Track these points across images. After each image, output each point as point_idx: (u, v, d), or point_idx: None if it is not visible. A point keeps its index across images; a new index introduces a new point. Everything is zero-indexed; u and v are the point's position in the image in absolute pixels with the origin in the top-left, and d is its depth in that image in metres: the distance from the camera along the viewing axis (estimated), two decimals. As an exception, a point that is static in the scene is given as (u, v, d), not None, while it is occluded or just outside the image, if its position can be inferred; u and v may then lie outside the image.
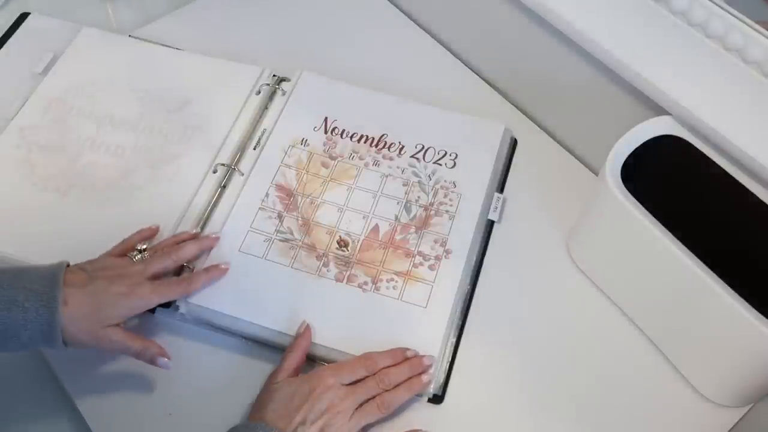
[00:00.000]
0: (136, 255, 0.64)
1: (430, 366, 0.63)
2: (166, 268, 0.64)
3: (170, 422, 0.62)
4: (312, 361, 0.65)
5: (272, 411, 0.57)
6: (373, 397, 0.60)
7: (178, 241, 0.67)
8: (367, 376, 0.61)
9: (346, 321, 0.66)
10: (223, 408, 0.62)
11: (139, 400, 0.63)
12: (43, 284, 0.56)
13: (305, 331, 0.64)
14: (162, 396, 0.63)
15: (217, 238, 0.69)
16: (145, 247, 0.65)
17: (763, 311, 0.55)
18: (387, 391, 0.61)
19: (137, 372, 0.65)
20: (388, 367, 0.62)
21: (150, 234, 0.68)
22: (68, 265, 0.60)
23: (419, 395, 0.64)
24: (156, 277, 0.63)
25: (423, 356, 0.64)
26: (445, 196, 0.74)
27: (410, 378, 0.62)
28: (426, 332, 0.66)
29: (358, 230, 0.72)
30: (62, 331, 0.55)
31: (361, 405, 0.59)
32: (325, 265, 0.69)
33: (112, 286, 0.58)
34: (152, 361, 0.60)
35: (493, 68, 0.87)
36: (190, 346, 0.66)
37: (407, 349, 0.64)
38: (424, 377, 0.62)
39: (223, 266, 0.67)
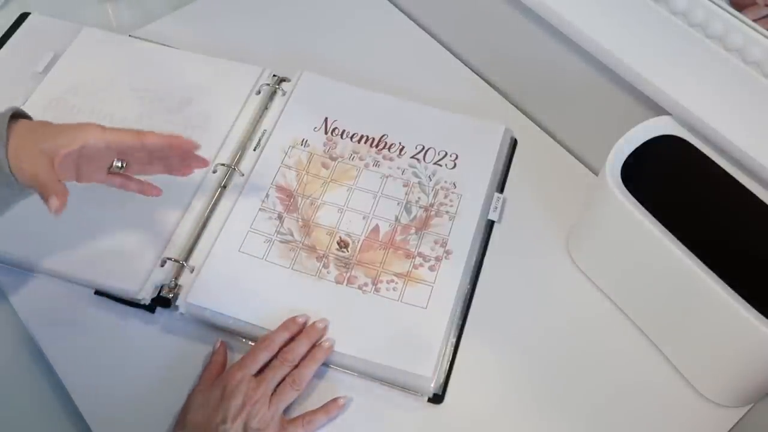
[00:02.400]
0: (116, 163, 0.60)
1: (325, 329, 0.65)
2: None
3: (170, 422, 0.62)
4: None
5: (191, 418, 0.58)
6: (285, 379, 0.61)
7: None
8: (273, 359, 0.62)
9: (346, 323, 0.66)
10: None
11: (139, 400, 0.64)
12: None
13: (220, 346, 0.65)
14: (162, 396, 0.63)
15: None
16: (120, 164, 0.61)
17: (763, 311, 0.55)
18: (295, 367, 0.62)
19: (137, 372, 0.65)
20: (288, 343, 0.63)
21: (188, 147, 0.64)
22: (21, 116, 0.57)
23: (418, 394, 0.64)
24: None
25: (316, 322, 0.65)
26: (446, 196, 0.74)
27: (313, 350, 0.63)
28: (426, 333, 0.66)
29: (358, 231, 0.72)
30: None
31: (275, 389, 0.60)
32: (325, 266, 0.69)
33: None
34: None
35: (493, 68, 0.87)
36: (190, 346, 0.66)
37: (298, 316, 0.65)
38: (325, 344, 0.64)
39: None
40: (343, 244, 0.71)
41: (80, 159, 0.57)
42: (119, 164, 0.61)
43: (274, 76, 0.83)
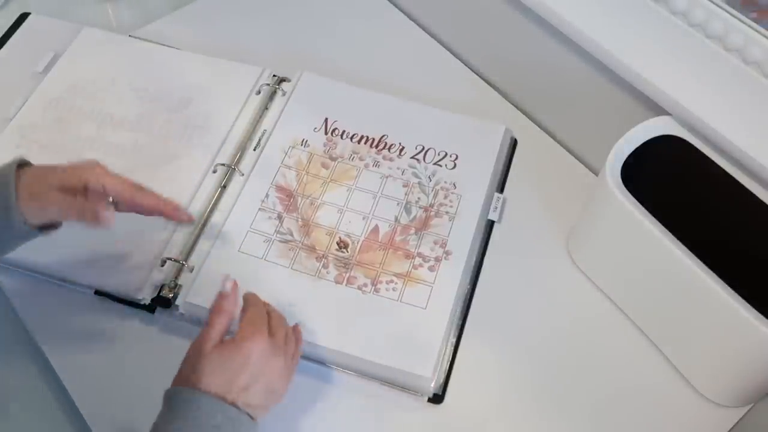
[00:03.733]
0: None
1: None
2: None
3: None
4: (306, 359, 0.65)
5: (210, 381, 0.53)
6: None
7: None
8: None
9: (346, 323, 0.66)
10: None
11: (139, 400, 0.63)
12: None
13: (232, 289, 0.58)
14: (162, 396, 0.63)
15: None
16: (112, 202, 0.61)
17: (763, 311, 0.55)
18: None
19: (137, 372, 0.65)
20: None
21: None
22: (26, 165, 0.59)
23: (418, 394, 0.64)
24: None
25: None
26: (445, 197, 0.74)
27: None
28: (426, 333, 0.66)
29: (358, 231, 0.72)
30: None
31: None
32: (325, 266, 0.69)
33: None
34: (94, 217, 0.58)
35: (493, 68, 0.87)
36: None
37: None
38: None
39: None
40: (342, 245, 0.71)
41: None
42: (111, 202, 0.61)
43: (274, 76, 0.83)
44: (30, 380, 0.70)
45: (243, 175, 0.75)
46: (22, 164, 0.59)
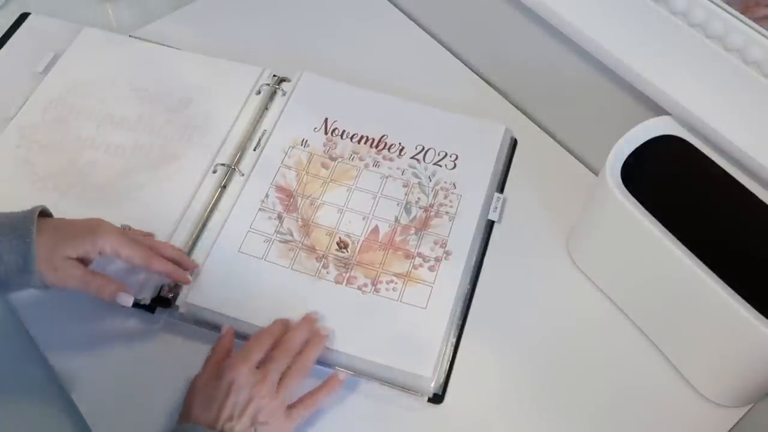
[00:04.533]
0: None
1: (317, 320, 0.65)
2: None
3: (170, 422, 0.62)
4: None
5: (198, 413, 0.57)
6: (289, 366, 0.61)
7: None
8: (273, 350, 0.61)
9: (346, 323, 0.66)
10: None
11: (139, 400, 0.64)
12: (19, 219, 0.58)
13: (227, 332, 0.64)
14: (162, 396, 0.63)
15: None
16: None
17: (763, 311, 0.55)
18: (298, 355, 0.61)
19: (137, 372, 0.65)
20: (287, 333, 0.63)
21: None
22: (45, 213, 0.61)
23: (418, 394, 0.64)
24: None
25: (308, 313, 0.65)
26: (445, 197, 0.74)
27: (313, 337, 0.63)
28: (426, 333, 0.66)
29: (358, 231, 0.72)
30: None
31: (281, 379, 0.60)
32: (325, 266, 0.69)
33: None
34: (111, 297, 0.61)
35: (493, 68, 0.87)
36: (190, 346, 0.66)
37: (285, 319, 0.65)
38: (323, 331, 0.64)
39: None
40: (342, 245, 0.71)
41: None
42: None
43: (274, 76, 0.83)
44: (30, 380, 0.70)
45: (243, 175, 0.75)
46: (41, 213, 0.60)
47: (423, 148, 0.78)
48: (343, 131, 0.79)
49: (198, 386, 0.59)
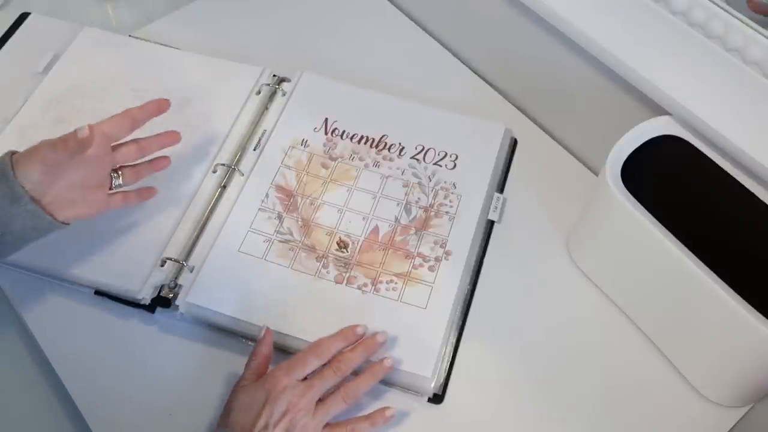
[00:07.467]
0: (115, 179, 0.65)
1: (384, 343, 0.63)
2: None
3: (170, 422, 0.62)
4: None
5: (235, 419, 0.57)
6: (337, 388, 0.60)
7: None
8: (324, 365, 0.60)
9: (346, 323, 0.66)
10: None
11: (139, 400, 0.64)
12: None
13: (265, 335, 0.63)
14: (162, 396, 0.63)
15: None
16: (119, 177, 0.65)
17: (763, 311, 0.55)
18: (351, 380, 0.60)
19: (137, 372, 0.65)
20: (342, 352, 0.61)
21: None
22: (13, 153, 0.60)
23: (418, 394, 0.64)
24: None
25: (375, 334, 0.63)
26: (445, 197, 0.74)
27: (373, 365, 0.61)
28: (426, 333, 0.66)
29: (357, 231, 0.72)
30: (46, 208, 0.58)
31: (323, 398, 0.59)
32: (325, 266, 0.69)
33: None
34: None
35: (493, 68, 0.87)
36: (190, 346, 0.66)
37: (357, 325, 0.63)
38: (387, 362, 0.62)
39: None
40: (342, 245, 0.71)
41: (84, 182, 0.61)
42: (118, 181, 0.65)
43: (274, 76, 0.83)
44: (30, 380, 0.70)
45: (243, 175, 0.75)
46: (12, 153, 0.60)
47: (423, 148, 0.78)
48: (343, 131, 0.79)
49: (238, 392, 0.58)
